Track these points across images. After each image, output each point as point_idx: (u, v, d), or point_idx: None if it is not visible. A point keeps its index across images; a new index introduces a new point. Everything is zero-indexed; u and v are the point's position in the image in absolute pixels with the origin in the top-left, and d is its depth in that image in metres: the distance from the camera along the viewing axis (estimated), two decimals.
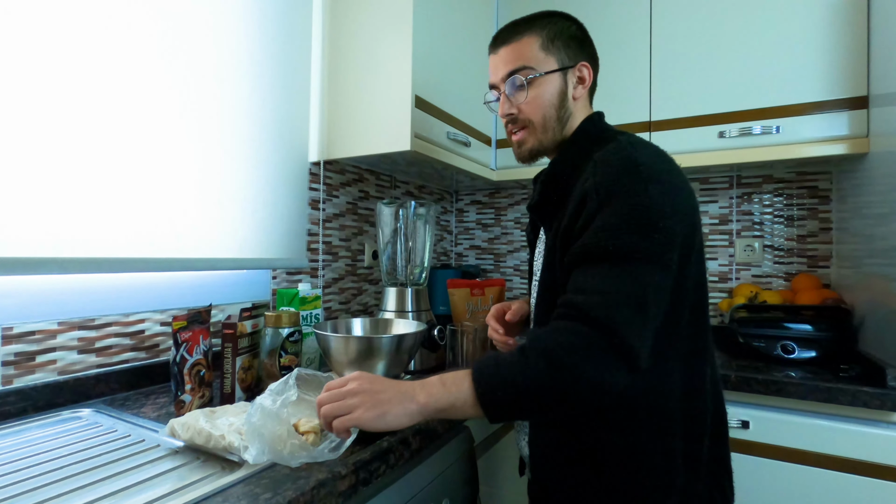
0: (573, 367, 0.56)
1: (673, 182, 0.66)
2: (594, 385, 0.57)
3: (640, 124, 1.50)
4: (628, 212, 0.62)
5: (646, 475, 0.67)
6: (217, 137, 1.10)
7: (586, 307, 0.58)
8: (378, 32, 1.29)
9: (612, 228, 0.61)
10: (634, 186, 0.63)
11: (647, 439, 0.67)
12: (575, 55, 0.81)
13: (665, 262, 0.61)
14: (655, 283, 0.60)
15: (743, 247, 1.65)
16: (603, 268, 0.61)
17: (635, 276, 0.59)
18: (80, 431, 0.75)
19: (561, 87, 0.80)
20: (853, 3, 1.26)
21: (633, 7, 1.52)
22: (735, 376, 1.13)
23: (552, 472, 0.73)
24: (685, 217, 0.66)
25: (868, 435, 1.02)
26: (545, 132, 0.80)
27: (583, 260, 0.63)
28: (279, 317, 0.91)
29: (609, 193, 0.64)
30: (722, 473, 0.74)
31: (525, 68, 0.79)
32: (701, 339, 0.72)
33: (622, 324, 0.57)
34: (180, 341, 0.82)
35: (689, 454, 0.68)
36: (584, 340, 0.57)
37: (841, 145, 1.27)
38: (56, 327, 0.86)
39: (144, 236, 0.96)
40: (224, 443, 0.64)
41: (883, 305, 1.12)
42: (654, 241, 0.61)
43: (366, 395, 0.61)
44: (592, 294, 0.59)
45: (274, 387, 0.65)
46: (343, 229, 1.50)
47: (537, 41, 0.80)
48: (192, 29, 1.05)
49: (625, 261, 0.60)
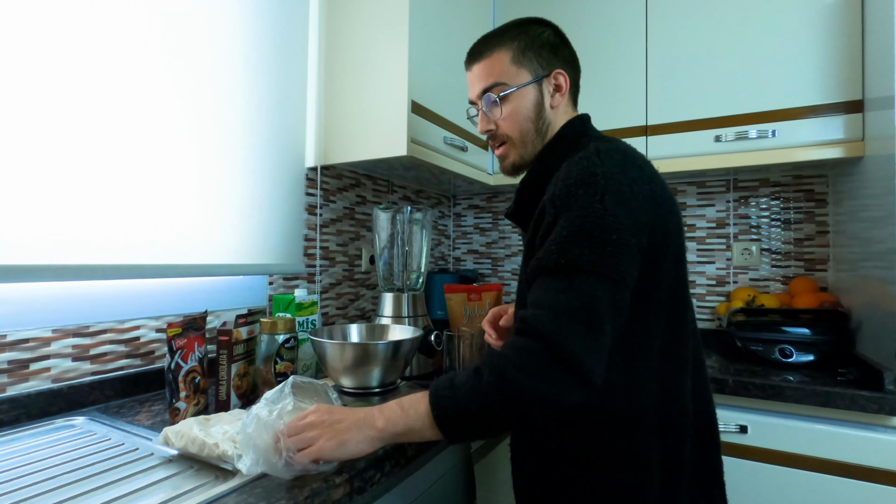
0: (523, 386, 0.56)
1: (635, 192, 0.64)
2: (544, 401, 0.56)
3: (637, 128, 1.50)
4: (580, 224, 0.61)
5: (618, 483, 0.66)
6: (213, 142, 1.10)
7: (537, 322, 0.58)
8: (374, 37, 1.29)
9: (563, 241, 0.61)
10: (588, 198, 0.62)
11: (618, 447, 0.67)
12: (549, 63, 0.79)
13: (617, 275, 0.60)
14: (607, 297, 0.59)
15: (740, 250, 1.65)
16: (553, 282, 0.60)
17: (584, 289, 0.58)
18: (73, 440, 0.75)
19: (536, 99, 0.79)
20: (848, 7, 1.26)
21: (629, 12, 1.52)
22: (733, 381, 1.13)
23: (529, 475, 0.74)
24: (648, 230, 0.64)
25: (866, 439, 1.02)
26: (524, 146, 0.80)
27: (537, 274, 0.63)
28: (275, 323, 0.91)
29: (563, 205, 0.63)
30: (710, 482, 0.72)
31: (497, 84, 0.79)
32: (680, 346, 0.70)
33: (570, 338, 0.56)
34: (175, 348, 0.81)
35: (668, 462, 0.67)
36: (533, 358, 0.56)
37: (837, 149, 1.27)
38: (50, 335, 0.86)
39: (140, 242, 0.96)
40: (218, 451, 0.63)
41: (880, 308, 1.12)
42: (605, 254, 0.59)
43: (324, 427, 0.60)
44: (543, 309, 0.59)
45: (269, 395, 0.65)
46: (340, 234, 1.50)
47: (508, 55, 0.79)
48: (190, 33, 1.05)
49: (575, 274, 0.59)
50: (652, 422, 0.67)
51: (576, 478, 0.69)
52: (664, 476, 0.67)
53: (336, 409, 0.63)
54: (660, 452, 0.67)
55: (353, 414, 0.62)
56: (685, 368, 0.71)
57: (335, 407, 0.64)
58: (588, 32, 1.57)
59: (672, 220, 0.69)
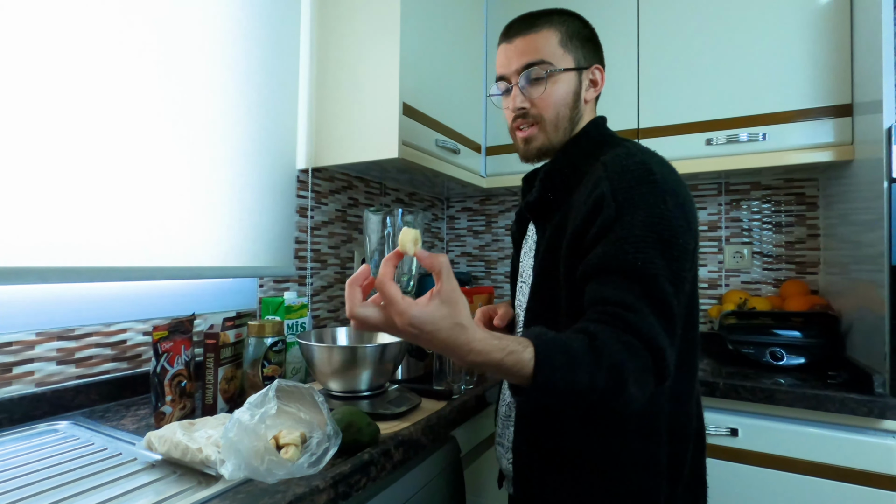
0: (633, 396, 0.56)
1: (684, 195, 0.66)
2: (633, 403, 0.56)
3: (629, 131, 1.50)
4: (650, 224, 0.61)
5: (630, 482, 0.67)
6: (203, 144, 1.09)
7: (644, 330, 0.57)
8: (366, 39, 1.29)
9: (637, 241, 0.60)
10: (654, 198, 0.62)
11: (633, 448, 0.67)
12: (590, 57, 0.80)
13: (682, 280, 0.62)
14: (676, 304, 0.60)
15: (732, 253, 1.65)
16: (637, 286, 0.59)
17: (663, 296, 0.59)
18: (55, 445, 0.74)
19: (576, 87, 0.78)
20: (837, 11, 1.27)
21: (620, 15, 1.53)
22: (724, 384, 1.13)
23: (535, 478, 0.73)
24: (694, 232, 0.66)
25: (856, 442, 1.02)
26: (556, 131, 0.78)
27: (609, 271, 0.61)
28: (262, 326, 0.90)
29: (627, 202, 0.63)
30: (698, 487, 0.74)
31: (543, 62, 0.76)
32: (690, 354, 0.71)
33: (666, 349, 0.57)
34: (161, 351, 0.80)
35: (673, 465, 0.68)
36: (642, 366, 0.56)
37: (826, 152, 1.27)
38: (34, 338, 0.85)
39: (128, 245, 0.95)
40: (201, 456, 0.63)
41: (869, 312, 1.12)
42: (674, 258, 0.61)
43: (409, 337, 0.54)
44: (641, 315, 0.57)
45: (253, 399, 0.64)
46: (332, 237, 1.50)
47: (556, 36, 0.77)
48: (180, 36, 1.04)
49: (651, 278, 0.59)
50: (664, 426, 0.68)
51: (583, 482, 0.68)
52: (669, 481, 0.68)
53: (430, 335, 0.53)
54: (667, 458, 0.68)
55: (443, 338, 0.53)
56: (693, 373, 0.72)
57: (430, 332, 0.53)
58: None
59: (697, 235, 0.70)
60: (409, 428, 0.78)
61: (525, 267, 0.84)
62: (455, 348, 0.54)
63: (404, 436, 0.75)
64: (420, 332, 0.52)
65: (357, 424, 0.69)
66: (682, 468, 0.69)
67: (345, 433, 0.67)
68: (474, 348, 0.54)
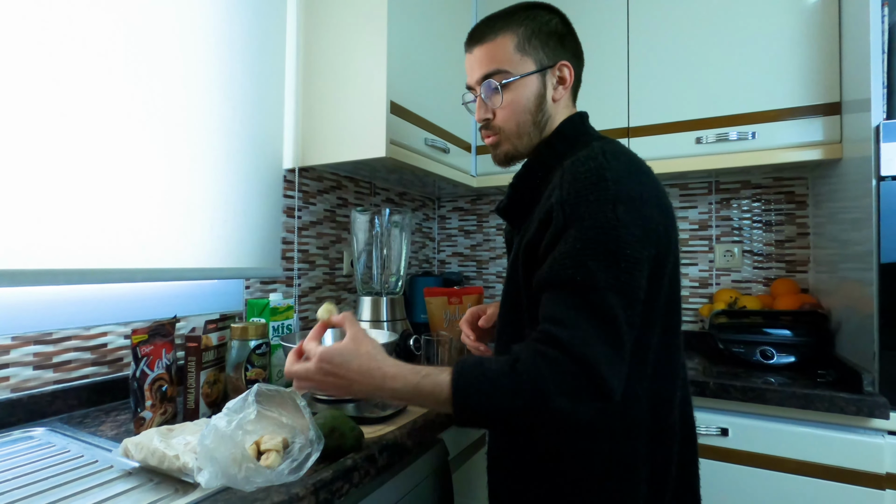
0: (559, 406, 0.55)
1: (644, 199, 0.62)
2: (567, 416, 0.56)
3: (619, 130, 1.50)
4: (593, 236, 0.58)
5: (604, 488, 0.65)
6: (185, 145, 1.07)
7: (567, 341, 0.55)
8: (352, 37, 1.27)
9: (578, 254, 0.59)
10: (601, 205, 0.59)
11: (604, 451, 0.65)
12: (555, 53, 0.75)
13: (632, 292, 0.59)
14: (623, 316, 0.57)
15: (722, 252, 1.65)
16: (569, 298, 0.58)
17: (604, 309, 0.57)
18: (29, 453, 0.71)
19: (538, 90, 0.75)
20: (825, 10, 1.27)
21: (610, 13, 1.52)
22: (714, 383, 1.13)
23: (508, 486, 0.72)
24: (656, 240, 0.62)
25: (845, 441, 1.02)
26: (519, 138, 0.76)
27: (551, 286, 0.60)
28: (245, 329, 0.88)
29: (574, 213, 0.60)
30: (687, 496, 0.71)
31: (499, 72, 0.74)
32: (671, 360, 0.69)
33: (601, 362, 0.55)
34: (140, 355, 0.79)
35: (656, 471, 0.66)
36: (568, 379, 0.55)
37: (815, 151, 1.27)
38: (10, 342, 0.82)
39: (107, 246, 0.93)
40: (178, 464, 0.61)
41: (858, 310, 1.12)
42: (620, 271, 0.58)
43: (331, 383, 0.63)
44: (568, 328, 0.56)
45: (232, 405, 0.62)
46: (320, 237, 1.48)
47: (513, 40, 0.74)
48: (158, 36, 1.02)
49: (591, 291, 0.57)
50: (643, 435, 0.66)
51: (557, 488, 0.67)
52: (650, 492, 0.66)
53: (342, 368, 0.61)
54: (648, 467, 0.66)
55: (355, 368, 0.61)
56: (674, 377, 0.70)
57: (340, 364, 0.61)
58: None
59: (673, 230, 0.67)
60: (395, 432, 0.77)
61: None
62: (370, 376, 0.60)
63: (389, 440, 0.74)
64: (332, 367, 0.60)
65: (340, 429, 0.68)
66: (666, 475, 0.67)
67: (328, 438, 0.65)
68: (388, 373, 0.60)
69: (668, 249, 0.65)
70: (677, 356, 0.70)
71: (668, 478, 0.67)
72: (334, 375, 0.61)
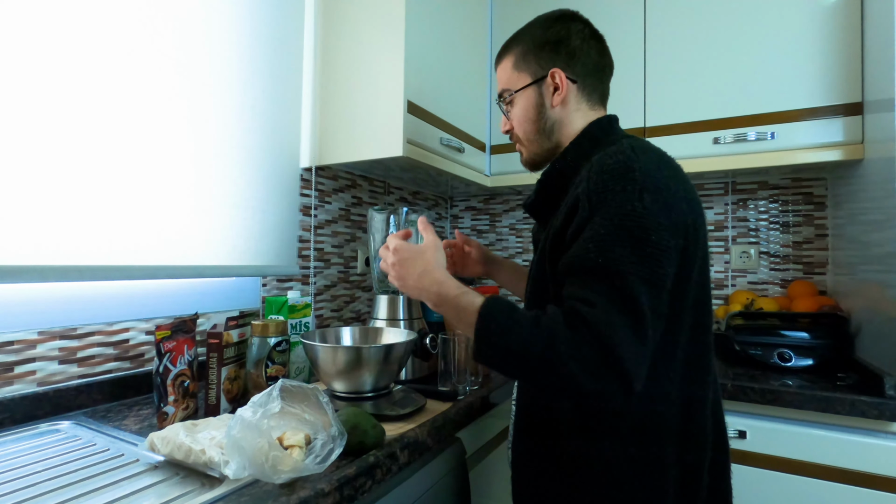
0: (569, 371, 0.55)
1: (672, 191, 0.62)
2: (576, 385, 0.56)
3: (636, 130, 1.49)
4: (619, 223, 0.59)
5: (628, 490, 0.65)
6: (206, 143, 1.08)
7: (590, 318, 0.56)
8: (370, 37, 1.28)
9: (602, 239, 0.59)
10: (627, 195, 0.60)
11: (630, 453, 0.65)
12: (546, 63, 0.79)
13: (658, 279, 0.58)
14: (647, 302, 0.57)
15: (739, 253, 1.63)
16: (592, 281, 0.59)
17: (627, 293, 0.57)
18: (57, 445, 0.73)
19: (535, 100, 0.80)
20: (847, 8, 1.25)
21: (627, 14, 1.52)
22: (731, 385, 1.12)
23: (531, 486, 0.72)
24: (684, 231, 0.62)
25: (866, 445, 1.01)
26: (531, 144, 0.83)
27: (576, 271, 0.61)
28: (266, 326, 0.89)
29: (601, 200, 0.61)
30: None
31: (504, 91, 0.85)
32: (702, 360, 0.68)
33: (622, 344, 0.55)
34: (163, 351, 0.80)
35: (687, 477, 0.66)
36: (587, 351, 0.55)
37: (836, 151, 1.26)
38: (36, 337, 0.84)
39: (130, 243, 0.94)
40: (204, 458, 0.62)
41: (879, 313, 1.11)
42: (646, 256, 0.58)
43: (397, 265, 0.75)
44: (591, 307, 0.57)
45: (257, 398, 0.63)
46: (336, 236, 1.49)
47: (511, 61, 0.83)
48: (183, 34, 1.03)
49: (615, 276, 0.57)
50: (672, 437, 0.65)
51: (582, 489, 0.66)
52: (679, 498, 0.65)
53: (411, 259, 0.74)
54: (677, 472, 0.65)
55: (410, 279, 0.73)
56: (707, 378, 0.69)
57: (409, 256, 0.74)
58: None
59: (702, 226, 0.67)
60: (415, 429, 0.77)
61: None
62: (423, 276, 0.71)
63: (410, 438, 0.74)
64: (398, 258, 0.74)
65: (362, 426, 0.68)
66: (698, 481, 0.66)
67: (350, 435, 0.66)
68: (437, 279, 0.70)
69: (696, 244, 0.65)
70: (708, 356, 0.69)
71: (699, 484, 0.66)
72: (399, 265, 0.74)
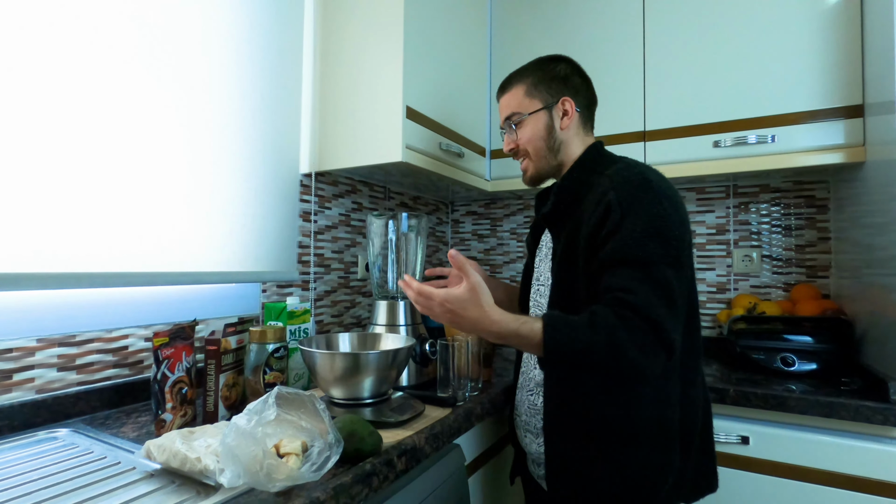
0: (629, 356, 0.69)
1: (677, 199, 0.80)
2: (638, 370, 0.71)
3: (635, 134, 1.49)
4: (649, 223, 0.75)
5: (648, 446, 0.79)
6: (205, 149, 1.09)
7: (638, 307, 0.70)
8: (369, 43, 1.28)
9: (638, 237, 0.74)
10: (651, 202, 0.76)
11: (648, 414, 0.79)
12: (557, 92, 0.95)
13: (680, 265, 0.75)
14: (675, 283, 0.73)
15: (741, 257, 1.62)
16: (632, 272, 0.73)
17: (660, 277, 0.72)
18: (54, 453, 0.73)
19: (547, 123, 0.95)
20: (847, 11, 1.25)
21: (626, 16, 1.52)
22: (734, 390, 1.11)
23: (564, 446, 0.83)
24: (688, 227, 0.80)
25: (871, 451, 0.99)
26: (539, 160, 0.96)
27: (616, 263, 0.74)
28: (264, 332, 0.89)
29: (630, 207, 0.76)
30: (706, 456, 0.87)
31: (515, 114, 0.97)
32: (695, 358, 0.83)
33: (665, 319, 0.70)
34: (161, 358, 0.80)
35: (684, 441, 0.81)
36: (639, 334, 0.69)
37: (837, 154, 1.25)
38: (35, 344, 0.84)
39: (128, 250, 0.94)
40: (200, 466, 0.61)
41: (883, 317, 1.10)
42: (671, 248, 0.74)
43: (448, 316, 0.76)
44: (634, 294, 0.71)
45: (253, 406, 0.63)
46: (336, 241, 1.49)
47: (522, 89, 0.96)
48: (180, 42, 1.04)
49: (651, 265, 0.73)
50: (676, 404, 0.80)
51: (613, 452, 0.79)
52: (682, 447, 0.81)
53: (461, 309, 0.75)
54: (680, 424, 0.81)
55: (467, 323, 0.75)
56: (698, 381, 0.85)
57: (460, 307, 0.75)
58: (585, 38, 1.56)
59: (689, 233, 0.81)
60: (413, 436, 0.77)
61: (542, 271, 0.96)
62: (480, 321, 0.74)
63: (407, 444, 0.74)
64: (443, 308, 0.75)
65: (359, 434, 0.68)
66: (692, 439, 0.82)
67: (346, 442, 0.65)
68: (495, 320, 0.74)
69: (689, 248, 0.80)
70: (700, 356, 0.85)
71: (693, 442, 0.82)
72: (451, 313, 0.75)
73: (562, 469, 0.84)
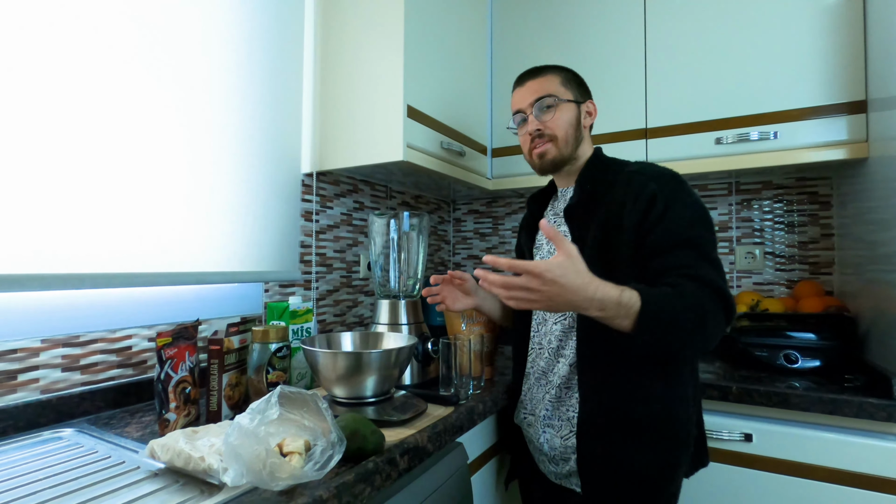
0: (710, 331, 0.77)
1: None
2: (711, 337, 0.78)
3: (637, 131, 1.48)
4: (693, 210, 0.85)
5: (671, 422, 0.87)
6: (206, 149, 1.09)
7: (709, 279, 0.78)
8: (370, 42, 1.28)
9: (687, 223, 0.83)
10: (687, 192, 0.87)
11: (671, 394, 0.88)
12: (585, 94, 1.04)
13: (717, 244, 0.86)
14: (719, 259, 0.83)
15: (743, 254, 1.62)
16: (694, 252, 0.81)
17: (715, 258, 0.82)
18: (59, 453, 0.73)
19: (576, 114, 1.01)
20: (849, 6, 1.24)
21: (627, 13, 1.51)
22: (737, 388, 1.10)
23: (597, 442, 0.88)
24: None
25: (875, 448, 0.99)
26: (564, 146, 0.99)
27: (672, 247, 0.82)
28: (266, 332, 0.90)
29: (673, 197, 0.85)
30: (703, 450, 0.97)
31: (550, 96, 0.99)
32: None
33: (727, 291, 0.79)
34: (164, 358, 0.80)
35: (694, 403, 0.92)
36: (713, 302, 0.77)
37: (840, 150, 1.25)
38: (39, 345, 0.85)
39: (131, 250, 0.95)
40: (203, 465, 0.62)
41: (887, 313, 1.09)
42: (712, 233, 0.86)
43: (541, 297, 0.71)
44: (701, 270, 0.79)
45: (255, 405, 0.63)
46: (338, 241, 1.49)
47: (558, 78, 1.01)
48: (180, 42, 1.04)
49: (703, 246, 0.82)
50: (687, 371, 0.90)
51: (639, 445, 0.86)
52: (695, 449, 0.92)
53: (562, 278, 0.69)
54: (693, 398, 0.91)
55: (569, 294, 0.70)
56: (696, 375, 0.95)
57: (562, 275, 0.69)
58: (586, 35, 1.56)
59: None
60: (415, 435, 0.77)
61: None
62: (584, 288, 0.71)
63: (410, 443, 0.74)
64: (556, 278, 0.69)
65: (362, 432, 0.68)
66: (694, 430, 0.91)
67: (349, 441, 0.66)
68: (598, 286, 0.72)
69: None
70: None
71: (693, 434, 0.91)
72: (554, 284, 0.69)
73: (594, 458, 0.88)
